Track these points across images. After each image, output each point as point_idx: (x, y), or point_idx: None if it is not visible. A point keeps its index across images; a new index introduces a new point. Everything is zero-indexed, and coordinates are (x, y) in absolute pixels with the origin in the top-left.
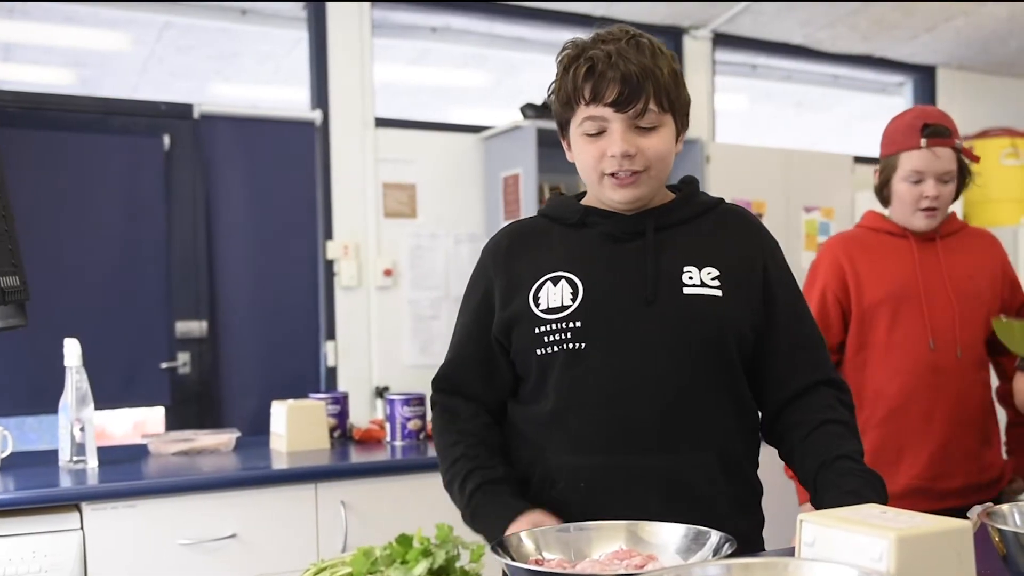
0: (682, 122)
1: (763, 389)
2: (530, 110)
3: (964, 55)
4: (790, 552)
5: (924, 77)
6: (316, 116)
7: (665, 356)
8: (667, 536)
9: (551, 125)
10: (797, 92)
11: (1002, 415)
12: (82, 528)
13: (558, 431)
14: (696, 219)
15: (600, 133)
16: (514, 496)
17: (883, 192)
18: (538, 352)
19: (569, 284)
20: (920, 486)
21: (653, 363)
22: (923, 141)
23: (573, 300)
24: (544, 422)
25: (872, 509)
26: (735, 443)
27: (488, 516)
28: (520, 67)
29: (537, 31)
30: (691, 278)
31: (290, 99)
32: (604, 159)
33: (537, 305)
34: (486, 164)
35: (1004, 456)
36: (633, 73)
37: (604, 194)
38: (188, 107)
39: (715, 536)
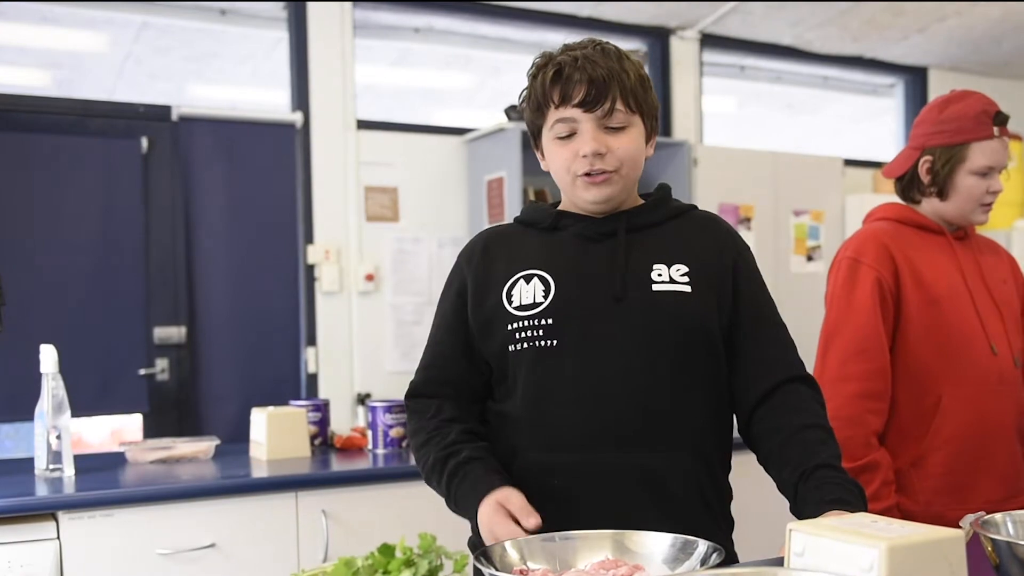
0: (651, 125)
1: (735, 389)
2: (514, 112)
3: (956, 56)
4: (779, 562)
5: (915, 78)
6: (297, 118)
7: (635, 353)
8: (654, 546)
9: None
10: (786, 94)
11: None
12: (58, 537)
13: (530, 429)
14: (667, 222)
15: (571, 136)
16: (487, 472)
17: (945, 185)
18: (510, 348)
19: (541, 282)
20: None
21: (623, 360)
22: (995, 130)
23: (545, 297)
24: (516, 420)
25: (863, 518)
26: (708, 442)
27: (466, 499)
28: (504, 68)
29: (522, 32)
30: (660, 275)
31: (270, 101)
32: (576, 160)
33: (510, 302)
34: (470, 167)
35: None
36: (599, 75)
37: (577, 195)
38: (166, 109)
39: (703, 546)
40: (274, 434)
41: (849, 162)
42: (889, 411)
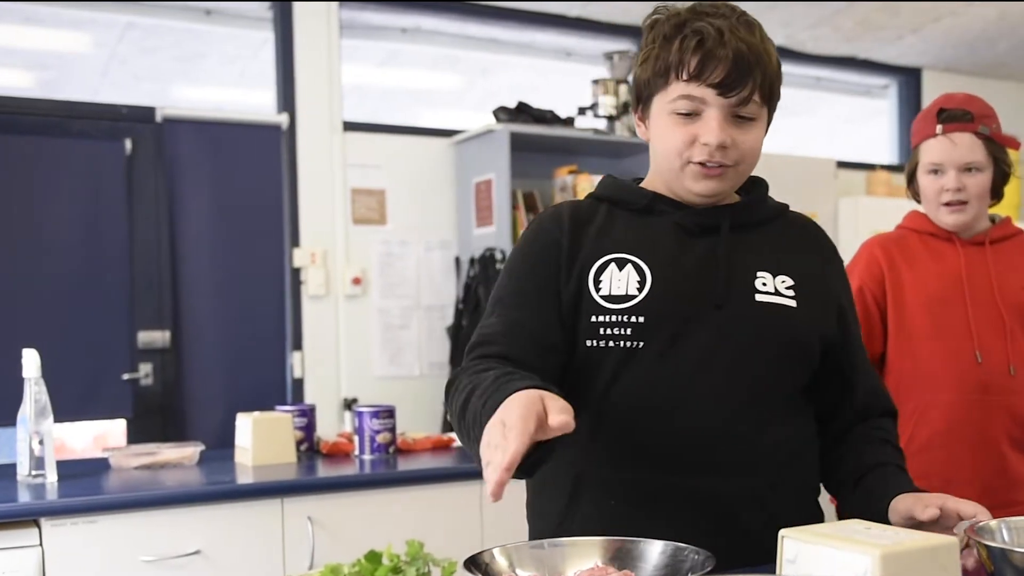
0: (771, 118)
1: (826, 412)
2: (503, 113)
3: (951, 56)
4: (771, 569)
5: (910, 79)
6: (283, 119)
7: (728, 368)
8: (645, 552)
9: (525, 129)
10: None
11: None
12: (41, 544)
13: (593, 438)
14: (768, 223)
15: (693, 115)
16: (521, 379)
17: (911, 188)
18: (588, 343)
19: (636, 271)
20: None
21: (714, 375)
22: (938, 128)
23: (639, 290)
24: (576, 425)
25: (856, 525)
26: (794, 467)
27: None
28: (493, 69)
29: (510, 32)
30: (764, 284)
31: (256, 102)
32: (695, 146)
33: (598, 289)
34: (458, 169)
35: None
36: (745, 55)
37: (682, 183)
38: (150, 110)
39: (695, 553)
40: (259, 439)
41: (842, 164)
42: None
